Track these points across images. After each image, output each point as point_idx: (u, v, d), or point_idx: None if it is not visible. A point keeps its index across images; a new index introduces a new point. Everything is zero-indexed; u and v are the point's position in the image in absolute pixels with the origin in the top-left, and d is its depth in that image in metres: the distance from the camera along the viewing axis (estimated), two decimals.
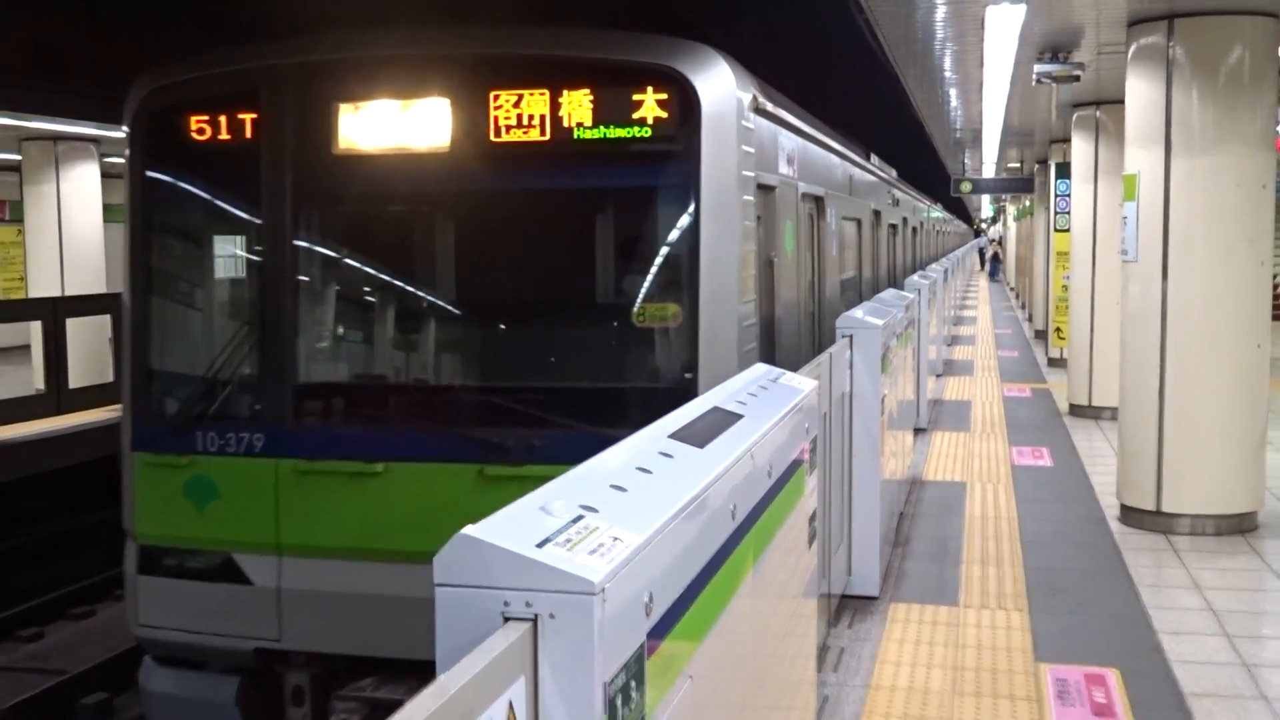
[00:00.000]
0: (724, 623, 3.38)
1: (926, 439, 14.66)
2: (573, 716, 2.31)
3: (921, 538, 9.98)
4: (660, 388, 6.81)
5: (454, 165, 6.88)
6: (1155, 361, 10.03)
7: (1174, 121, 9.83)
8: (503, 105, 6.66)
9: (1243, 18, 9.69)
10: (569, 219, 7.40)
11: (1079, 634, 7.54)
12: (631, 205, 7.12)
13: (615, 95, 6.52)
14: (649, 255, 7.00)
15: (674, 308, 6.67)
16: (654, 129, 6.52)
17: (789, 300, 9.13)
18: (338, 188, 7.28)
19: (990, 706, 6.43)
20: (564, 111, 6.58)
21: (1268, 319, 10.02)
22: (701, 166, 6.55)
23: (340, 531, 6.87)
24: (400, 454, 6.83)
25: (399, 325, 7.58)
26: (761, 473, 3.99)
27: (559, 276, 7.37)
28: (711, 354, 6.55)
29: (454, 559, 2.31)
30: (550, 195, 7.21)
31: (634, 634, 2.53)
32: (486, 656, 2.11)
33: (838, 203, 12.65)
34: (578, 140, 6.60)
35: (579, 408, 6.82)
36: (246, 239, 7.68)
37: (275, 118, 7.10)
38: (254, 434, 7.04)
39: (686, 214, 6.70)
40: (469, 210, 7.39)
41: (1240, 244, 9.70)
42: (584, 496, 2.74)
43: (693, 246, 6.65)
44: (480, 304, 7.46)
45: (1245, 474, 10.01)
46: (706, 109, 6.51)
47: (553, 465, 5.73)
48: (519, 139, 6.67)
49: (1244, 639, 7.52)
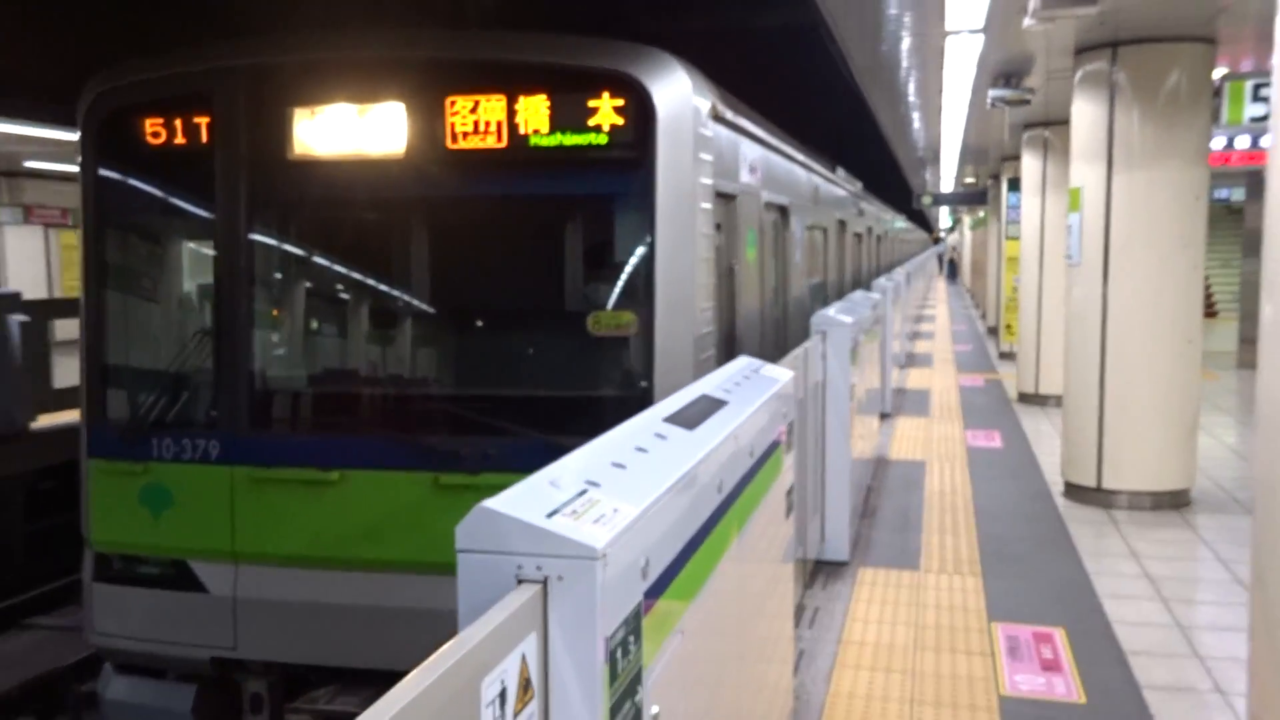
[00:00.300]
0: (712, 585, 3.39)
1: (891, 423, 14.67)
2: (578, 667, 2.31)
3: (887, 510, 9.99)
4: (615, 396, 6.18)
5: (410, 171, 6.23)
6: (1096, 354, 10.06)
7: (1116, 140, 9.85)
8: (459, 111, 6.04)
9: (1180, 44, 9.70)
10: (525, 226, 6.74)
11: (1028, 597, 7.55)
12: (587, 213, 6.44)
13: (571, 101, 5.94)
14: (604, 263, 6.38)
15: (629, 316, 6.04)
16: (610, 136, 5.89)
17: (751, 306, 8.43)
18: (292, 193, 6.56)
19: (949, 660, 6.44)
20: (520, 118, 5.96)
21: (1199, 317, 10.04)
22: (657, 174, 5.95)
23: (296, 540, 6.24)
24: (355, 462, 6.21)
25: (354, 332, 6.90)
26: (745, 452, 3.99)
27: (514, 284, 6.68)
28: (667, 362, 5.97)
29: (474, 528, 2.32)
30: (506, 202, 6.47)
31: (632, 594, 2.54)
32: (502, 614, 2.12)
33: (803, 212, 11.85)
34: (534, 147, 5.97)
35: (534, 416, 6.15)
36: (201, 244, 6.85)
37: (228, 121, 6.38)
38: (209, 441, 6.37)
39: (642, 222, 6.05)
40: (425, 217, 6.69)
41: (1174, 250, 9.72)
42: (588, 472, 2.75)
43: (648, 254, 6.03)
44: (435, 312, 6.80)
45: (1178, 455, 10.04)
46: (662, 115, 5.91)
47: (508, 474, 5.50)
48: (475, 145, 6.04)
49: (1177, 602, 7.53)
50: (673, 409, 3.80)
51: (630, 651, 2.52)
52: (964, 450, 12.84)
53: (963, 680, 6.18)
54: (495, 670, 2.07)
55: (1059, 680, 6.17)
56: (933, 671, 6.30)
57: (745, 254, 7.98)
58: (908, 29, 9.99)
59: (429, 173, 6.21)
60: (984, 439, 13.55)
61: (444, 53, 6.35)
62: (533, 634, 2.24)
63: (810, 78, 33.06)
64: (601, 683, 2.34)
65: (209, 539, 6.34)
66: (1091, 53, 10.09)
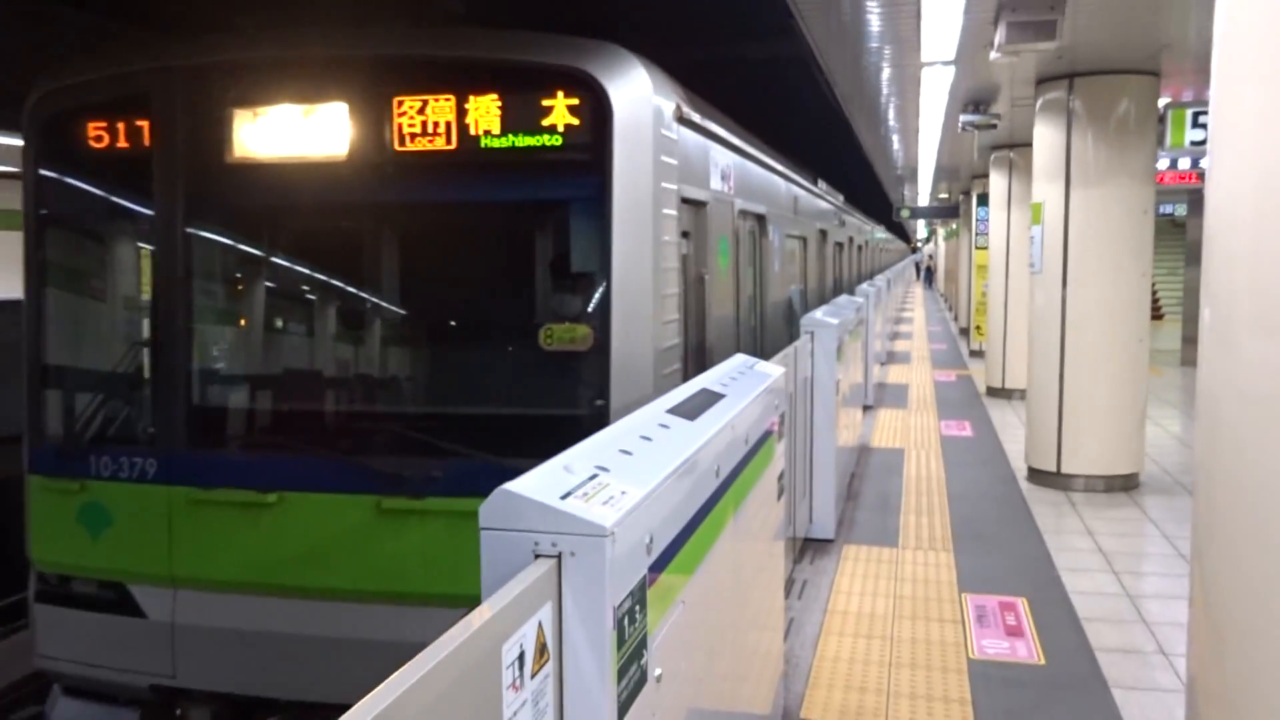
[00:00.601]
0: (710, 560, 3.39)
1: (873, 415, 14.66)
2: (589, 633, 2.32)
3: (868, 493, 9.98)
4: (568, 415, 5.24)
5: (355, 175, 5.34)
6: (1056, 353, 10.06)
7: (1073, 160, 9.86)
8: (406, 111, 5.20)
9: (1129, 76, 9.75)
10: (476, 234, 5.80)
11: (994, 570, 7.55)
12: (541, 219, 5.51)
13: (523, 100, 5.08)
14: (558, 273, 5.46)
15: (584, 330, 5.14)
16: (564, 137, 5.04)
17: (724, 317, 7.41)
18: (232, 198, 5.65)
19: (924, 627, 6.44)
20: (470, 118, 5.12)
21: (1147, 319, 10.04)
22: (613, 177, 5.07)
23: (235, 565, 5.38)
24: (294, 484, 5.33)
25: (295, 345, 6.00)
26: (740, 441, 3.99)
27: (464, 296, 5.75)
28: (625, 379, 5.11)
29: (495, 508, 2.32)
30: (455, 209, 5.59)
31: (638, 568, 2.54)
32: (520, 586, 2.13)
33: (782, 221, 10.75)
34: (485, 149, 5.11)
35: (482, 436, 5.24)
36: (140, 252, 5.92)
37: (166, 123, 5.50)
38: (147, 459, 5.50)
39: (598, 228, 5.15)
40: (372, 223, 5.80)
41: (1126, 259, 9.74)
42: (598, 458, 2.75)
43: (604, 264, 5.13)
44: (380, 324, 5.82)
45: (1128, 442, 10.04)
46: (619, 115, 5.06)
47: (455, 498, 5.01)
48: (424, 148, 5.18)
49: (1127, 574, 7.52)
50: (675, 401, 3.79)
51: (636, 619, 2.52)
52: (938, 439, 12.82)
53: (936, 645, 6.17)
54: (514, 636, 2.08)
55: (1021, 644, 6.17)
56: (909, 637, 6.29)
57: (717, 263, 7.10)
58: (887, 60, 9.99)
59: (375, 177, 5.36)
60: (956, 429, 13.54)
61: (390, 50, 5.47)
62: (548, 603, 2.24)
63: (799, 104, 33.04)
64: (610, 647, 2.34)
65: (146, 562, 5.51)
66: (1051, 83, 10.13)
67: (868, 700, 5.46)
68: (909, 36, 8.68)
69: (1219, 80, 2.96)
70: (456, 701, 1.87)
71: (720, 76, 24.88)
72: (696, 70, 11.29)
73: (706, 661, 3.42)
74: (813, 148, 26.24)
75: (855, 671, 5.81)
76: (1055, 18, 7.42)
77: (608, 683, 2.34)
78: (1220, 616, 2.93)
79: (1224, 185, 2.93)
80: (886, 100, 12.90)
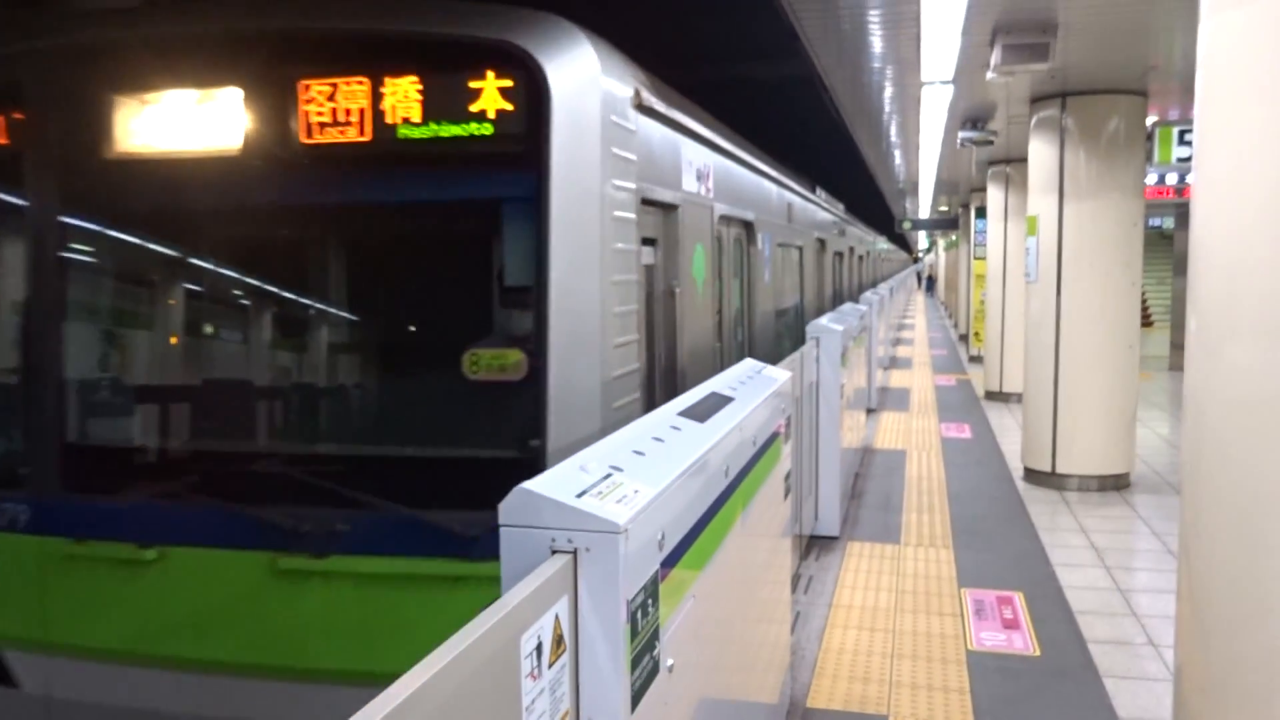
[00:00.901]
0: (720, 556, 3.38)
1: (876, 417, 14.62)
2: (604, 625, 2.32)
3: (872, 492, 9.96)
4: (497, 458, 4.19)
5: (254, 173, 4.31)
6: (1051, 358, 10.04)
7: (1066, 175, 9.84)
8: (313, 98, 4.16)
9: (1119, 96, 9.75)
10: (392, 241, 4.67)
11: (992, 566, 7.52)
12: (469, 224, 4.41)
13: (446, 82, 4.05)
14: (488, 288, 4.34)
15: (515, 356, 4.11)
16: (496, 125, 4.02)
17: (701, 335, 6.29)
18: (114, 201, 4.55)
19: (924, 620, 6.42)
20: (387, 104, 4.09)
21: (1137, 326, 10.02)
22: (551, 172, 4.07)
23: (114, 630, 4.31)
24: (178, 537, 4.25)
25: (182, 374, 4.76)
26: (749, 442, 3.99)
27: (377, 315, 4.67)
28: (566, 414, 4.06)
29: (515, 506, 2.32)
30: (370, 212, 4.50)
31: (650, 564, 2.54)
32: (538, 580, 2.13)
33: (773, 229, 9.51)
34: (404, 140, 4.10)
35: (395, 483, 4.19)
36: (10, 266, 4.69)
37: (38, 113, 4.47)
38: (18, 506, 4.43)
39: (534, 234, 4.09)
40: (272, 230, 4.68)
41: (1116, 269, 9.71)
42: (612, 459, 2.75)
43: (540, 276, 4.06)
44: (279, 349, 4.75)
45: (1120, 443, 10.01)
46: (560, 98, 4.04)
47: (363, 557, 4.05)
48: (333, 139, 4.15)
49: (1118, 570, 7.49)
50: (687, 404, 3.79)
51: (649, 612, 2.52)
52: (939, 441, 12.79)
53: (936, 637, 6.15)
54: (532, 628, 2.09)
55: (1018, 636, 6.14)
56: (910, 630, 6.28)
57: (692, 274, 6.05)
58: (889, 80, 9.98)
59: (277, 174, 4.34)
60: (956, 431, 13.49)
61: (292, 23, 4.39)
62: (564, 597, 2.25)
63: (805, 122, 33.05)
64: (624, 639, 2.34)
65: (19, 624, 4.44)
66: (1045, 102, 10.12)
67: (871, 690, 5.45)
68: (909, 57, 8.67)
69: (1203, 100, 2.96)
70: (477, 690, 1.87)
71: (729, 96, 24.89)
72: (706, 90, 11.22)
73: (716, 653, 3.41)
74: (818, 163, 26.22)
75: (859, 663, 5.80)
76: (1048, 41, 7.42)
77: (622, 673, 2.34)
78: (1206, 609, 2.93)
79: (1208, 200, 2.92)
80: (888, 117, 12.89)
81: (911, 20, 7.37)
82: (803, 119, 33.64)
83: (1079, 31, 7.58)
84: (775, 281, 9.69)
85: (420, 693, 1.65)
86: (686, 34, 28.46)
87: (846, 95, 11.01)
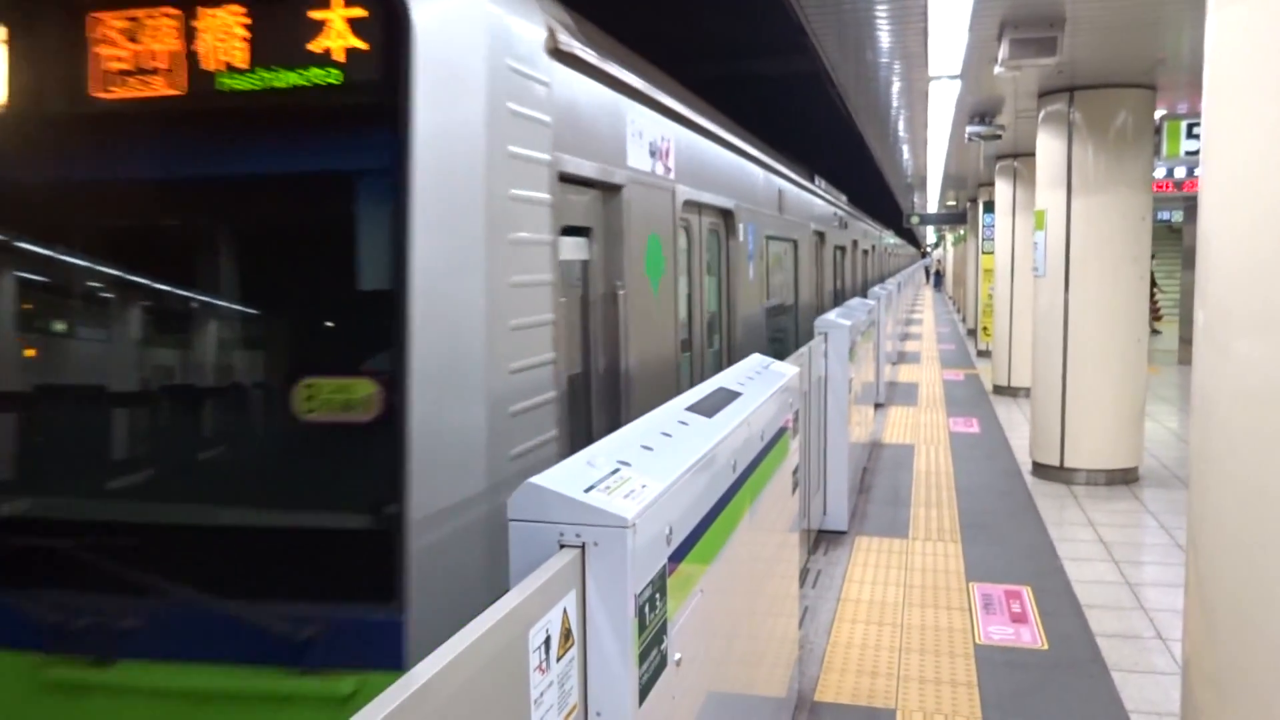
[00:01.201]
0: (727, 550, 3.38)
1: (884, 412, 14.60)
2: (612, 619, 2.32)
3: (880, 486, 9.95)
4: (338, 529, 3.06)
5: (35, 134, 3.23)
6: (1059, 352, 10.01)
7: (1074, 169, 9.81)
8: (108, 36, 3.11)
9: (1126, 90, 9.71)
10: (205, 232, 3.46)
11: (1000, 560, 7.51)
12: (307, 206, 3.26)
13: (281, 11, 3.00)
14: (331, 295, 3.29)
15: (365, 387, 3.06)
16: (346, 71, 2.97)
17: (659, 343, 5.21)
18: None
19: (933, 615, 6.41)
20: (203, 44, 3.05)
21: (1145, 320, 9.99)
22: (414, 133, 2.98)
23: None
24: None
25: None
26: (756, 437, 3.99)
27: (180, 332, 3.46)
28: (433, 467, 2.99)
29: (524, 501, 2.32)
30: (176, 191, 3.30)
31: (658, 558, 2.54)
32: (547, 574, 2.13)
33: (760, 219, 8.40)
34: (224, 94, 3.04)
35: (204, 562, 3.10)
36: None
37: None
38: None
39: (392, 219, 3.01)
40: (46, 217, 3.44)
41: (1124, 263, 9.69)
42: (620, 454, 2.75)
43: (399, 276, 2.99)
44: (48, 374, 3.45)
45: (1128, 437, 9.98)
46: (427, 32, 2.99)
47: (156, 664, 3.01)
48: (135, 93, 3.10)
49: (1126, 564, 7.47)
50: (694, 399, 3.78)
51: (657, 607, 2.53)
52: (947, 435, 12.77)
53: (944, 631, 6.15)
54: (541, 621, 2.09)
55: (1026, 630, 6.14)
56: (919, 624, 6.27)
57: (642, 272, 4.95)
58: (897, 75, 9.96)
59: (62, 138, 3.25)
60: (964, 425, 13.47)
61: None
62: (573, 591, 2.25)
63: (813, 116, 33.01)
64: (632, 633, 2.35)
65: None
66: (1052, 96, 10.08)
67: (879, 684, 5.45)
68: (917, 52, 8.66)
69: (1211, 94, 2.95)
70: (486, 683, 1.88)
71: (737, 91, 24.86)
72: (713, 85, 11.19)
73: (724, 646, 3.42)
74: (826, 158, 26.18)
75: (867, 657, 5.80)
76: (1055, 35, 7.40)
77: (630, 666, 2.35)
78: (1214, 603, 2.92)
79: (1216, 194, 2.92)
80: (896, 112, 12.87)
81: (919, 15, 7.35)
82: (810, 114, 33.60)
83: (1086, 25, 7.56)
84: (762, 279, 8.61)
85: (429, 686, 1.66)
86: (693, 30, 28.44)
87: (854, 90, 11.00)
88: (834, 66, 9.47)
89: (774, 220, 9.35)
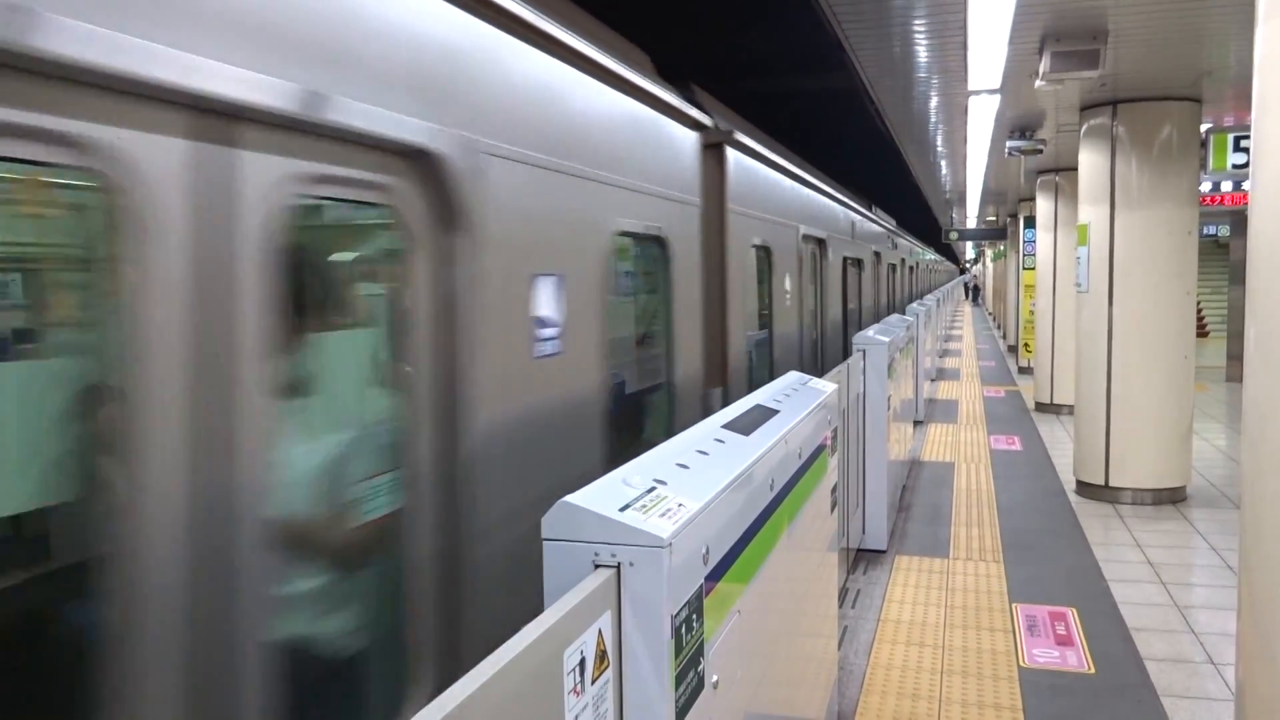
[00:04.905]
0: (765, 570, 3.35)
1: (923, 429, 14.50)
2: (648, 641, 2.30)
3: (920, 505, 9.86)
4: None
5: None
6: (1103, 369, 9.90)
7: (1117, 184, 9.72)
8: None
9: (1171, 103, 9.61)
10: None
11: (1044, 581, 7.41)
12: None
13: None
14: None
15: None
16: None
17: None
18: None
19: (975, 636, 6.33)
20: None
21: (1193, 336, 9.86)
22: None
23: None
24: None
25: None
26: (794, 455, 3.96)
27: None
28: None
29: (558, 520, 2.31)
30: None
31: (694, 578, 2.52)
32: (581, 594, 2.11)
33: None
34: None
35: None
36: None
37: None
38: None
39: None
40: None
41: (1170, 279, 9.59)
42: (656, 472, 2.73)
43: None
44: None
45: (1176, 456, 9.84)
46: None
47: None
48: None
49: (1175, 585, 7.35)
50: (730, 417, 3.76)
51: (693, 628, 2.50)
52: (988, 453, 12.65)
53: (987, 654, 6.07)
54: (575, 642, 2.07)
55: (1071, 653, 6.04)
56: (960, 646, 6.19)
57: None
58: (935, 90, 9.92)
59: None
60: (1005, 443, 13.34)
61: None
62: (608, 612, 2.22)
63: (853, 130, 32.95)
64: (668, 654, 2.32)
65: None
66: (1095, 110, 10.00)
67: (920, 707, 5.38)
68: (956, 67, 8.61)
69: (1260, 106, 2.90)
70: (520, 705, 1.86)
71: (777, 108, 24.84)
72: (753, 101, 11.32)
73: (762, 668, 3.38)
74: (867, 174, 26.12)
75: (908, 678, 5.73)
76: (1098, 48, 7.33)
77: (666, 688, 2.32)
78: (1268, 626, 2.85)
79: (1265, 207, 2.86)
80: (934, 128, 12.81)
81: (958, 29, 7.31)
82: (847, 131, 33.55)
83: (1129, 38, 7.49)
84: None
85: (463, 708, 1.64)
86: (732, 49, 28.53)
87: (892, 106, 10.96)
88: (872, 82, 9.44)
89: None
